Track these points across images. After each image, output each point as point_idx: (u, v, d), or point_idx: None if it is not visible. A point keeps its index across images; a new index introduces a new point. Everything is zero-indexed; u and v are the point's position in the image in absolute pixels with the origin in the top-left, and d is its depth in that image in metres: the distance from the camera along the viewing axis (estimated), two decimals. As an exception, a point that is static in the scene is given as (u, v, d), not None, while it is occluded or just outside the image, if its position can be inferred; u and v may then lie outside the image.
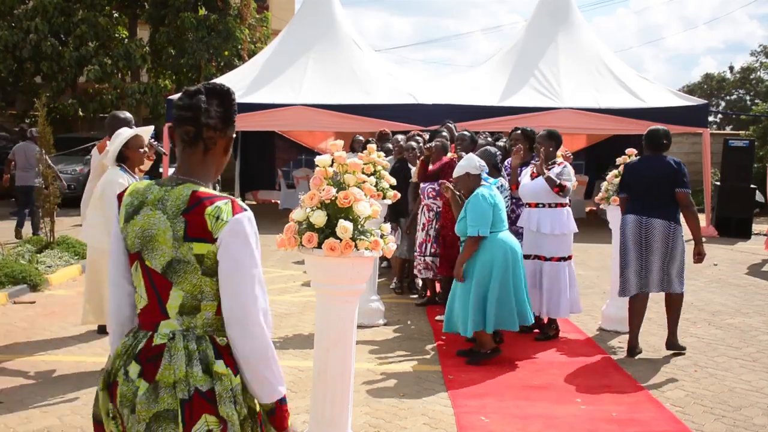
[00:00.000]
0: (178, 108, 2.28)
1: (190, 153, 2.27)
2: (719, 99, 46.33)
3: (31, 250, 9.47)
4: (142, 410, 2.12)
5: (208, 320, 2.21)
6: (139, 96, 20.02)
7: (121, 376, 2.18)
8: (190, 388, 2.12)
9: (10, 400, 5.05)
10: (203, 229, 2.16)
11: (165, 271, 2.19)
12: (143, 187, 2.29)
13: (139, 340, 2.20)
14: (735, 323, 7.78)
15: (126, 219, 2.27)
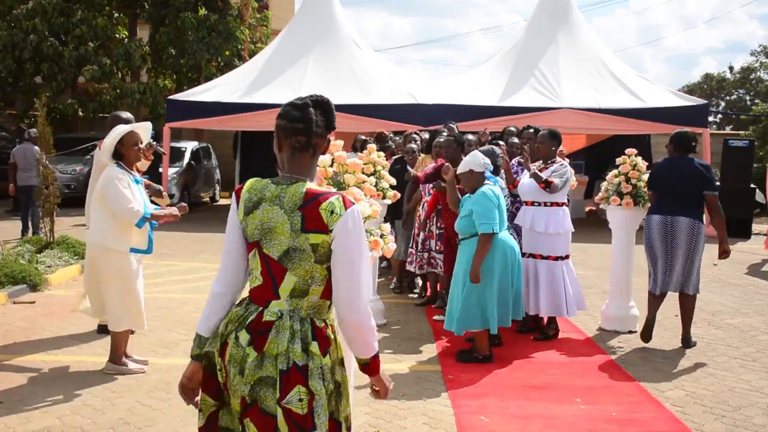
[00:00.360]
0: (289, 120, 2.60)
1: (300, 157, 2.62)
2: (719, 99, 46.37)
3: (31, 250, 9.47)
4: (249, 374, 2.47)
5: (312, 303, 2.54)
6: (138, 96, 20.02)
7: (232, 340, 2.52)
8: (289, 362, 2.45)
9: (9, 399, 5.04)
10: (319, 221, 2.48)
11: (281, 258, 2.52)
12: (260, 186, 2.62)
13: (250, 313, 2.54)
14: (735, 323, 7.78)
15: (245, 213, 2.61)
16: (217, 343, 2.59)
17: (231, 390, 2.53)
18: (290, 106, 2.63)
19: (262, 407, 2.46)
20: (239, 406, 2.51)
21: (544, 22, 17.12)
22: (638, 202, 7.05)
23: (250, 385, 2.47)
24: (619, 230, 7.30)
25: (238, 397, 2.50)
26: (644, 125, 15.66)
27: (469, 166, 6.02)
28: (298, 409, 2.44)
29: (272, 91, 15.81)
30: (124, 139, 5.54)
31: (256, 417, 2.47)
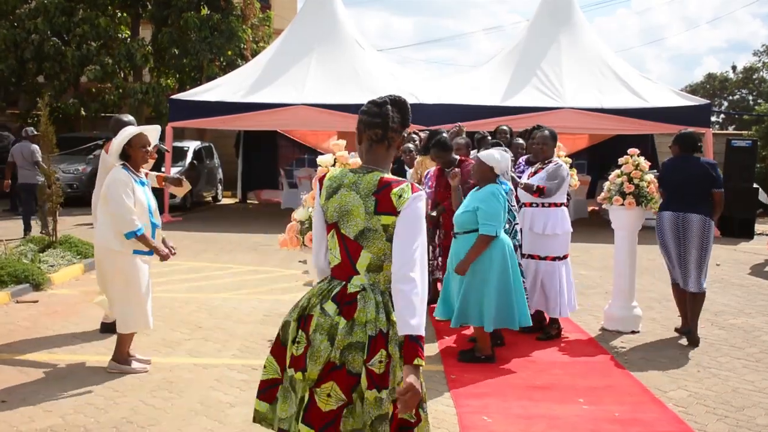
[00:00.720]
0: (368, 115, 2.90)
1: (376, 148, 2.92)
2: (722, 99, 46.31)
3: (34, 249, 9.48)
4: (340, 340, 2.77)
5: (388, 277, 2.85)
6: (141, 96, 20.03)
7: (318, 311, 2.84)
8: (375, 329, 2.80)
9: (13, 398, 5.05)
10: (390, 205, 2.79)
11: (357, 238, 2.83)
12: (340, 174, 2.94)
13: (334, 287, 2.87)
14: (738, 323, 7.77)
15: (326, 197, 2.92)
16: (295, 314, 2.92)
17: (313, 357, 2.79)
18: (371, 103, 2.94)
19: (349, 368, 2.78)
20: (318, 373, 2.78)
21: (545, 22, 17.11)
22: (641, 202, 7.04)
23: (340, 350, 2.77)
24: (621, 230, 7.29)
25: (321, 363, 2.78)
26: (647, 125, 15.65)
27: (492, 164, 5.94)
28: (377, 369, 2.78)
29: (275, 91, 15.83)
30: (132, 140, 5.55)
31: (340, 378, 2.77)
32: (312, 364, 2.79)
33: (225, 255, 11.39)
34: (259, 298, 8.36)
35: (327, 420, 2.78)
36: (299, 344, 2.85)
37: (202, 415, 4.85)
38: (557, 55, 16.44)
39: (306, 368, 2.81)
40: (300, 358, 2.83)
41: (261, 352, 6.26)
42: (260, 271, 10.11)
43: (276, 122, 16.36)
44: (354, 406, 2.80)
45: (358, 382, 2.78)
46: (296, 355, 2.85)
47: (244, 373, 5.69)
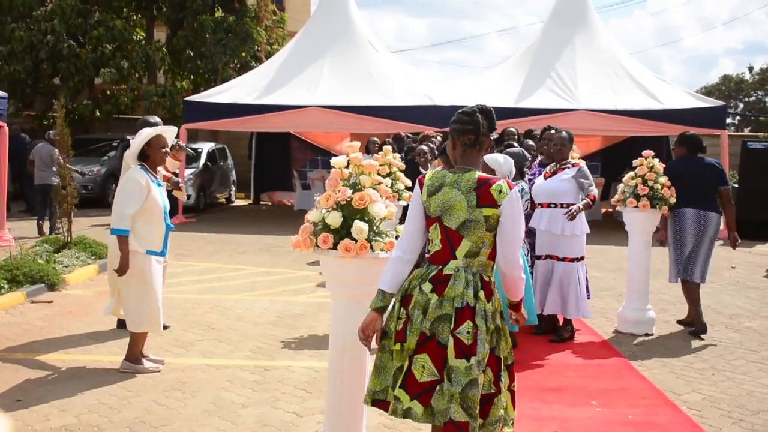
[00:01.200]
0: (461, 123, 3.37)
1: (470, 152, 3.39)
2: (737, 100, 45.99)
3: (49, 250, 9.55)
4: (430, 313, 3.21)
5: (481, 262, 3.30)
6: (156, 99, 20.13)
7: (416, 290, 3.29)
8: (462, 302, 3.20)
9: (28, 398, 5.09)
10: (490, 199, 3.25)
11: (459, 228, 3.28)
12: (440, 175, 3.39)
13: (431, 270, 3.31)
14: (753, 326, 7.71)
15: (428, 195, 3.36)
16: (399, 296, 3.35)
17: (411, 329, 3.24)
18: (462, 113, 3.40)
19: (438, 339, 3.19)
20: (415, 343, 3.22)
21: (560, 23, 17.05)
22: (655, 204, 7.01)
23: (431, 322, 3.20)
24: (635, 232, 7.26)
25: (417, 334, 3.22)
26: (661, 127, 15.55)
27: (495, 166, 5.96)
28: (465, 339, 3.16)
29: (288, 92, 15.87)
30: (151, 141, 5.63)
31: (431, 348, 3.19)
32: (410, 335, 3.24)
33: (238, 256, 11.42)
34: (272, 299, 8.38)
35: (420, 389, 3.18)
36: (400, 320, 3.30)
37: (215, 416, 4.87)
38: (571, 57, 16.38)
39: (405, 339, 3.26)
40: (401, 331, 3.29)
41: (273, 353, 6.28)
42: (273, 272, 10.14)
43: (289, 124, 16.39)
44: (443, 385, 3.15)
45: (446, 355, 3.15)
46: (398, 330, 3.30)
47: (256, 374, 5.71)
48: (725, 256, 12.75)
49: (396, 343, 3.28)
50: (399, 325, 3.28)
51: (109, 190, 17.66)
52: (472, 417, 3.11)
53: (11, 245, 10.32)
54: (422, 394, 3.17)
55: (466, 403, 3.11)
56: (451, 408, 3.10)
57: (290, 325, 7.21)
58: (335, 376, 3.95)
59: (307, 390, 5.39)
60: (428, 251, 3.42)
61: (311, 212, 3.91)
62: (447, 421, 3.11)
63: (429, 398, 3.16)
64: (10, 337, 6.59)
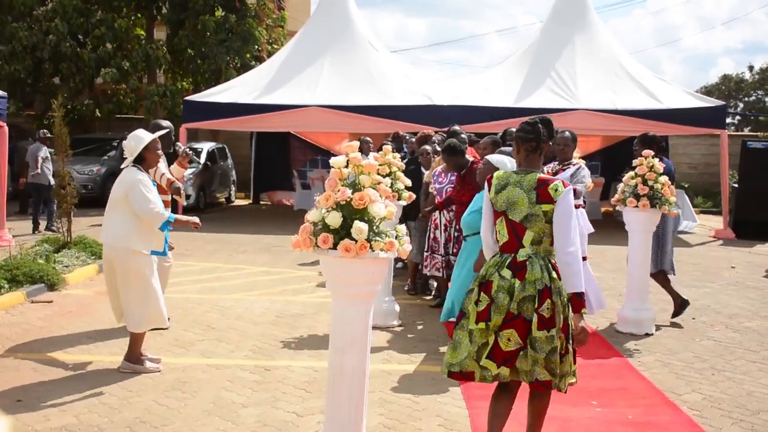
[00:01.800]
0: (524, 132, 4.02)
1: (532, 156, 4.01)
2: (737, 100, 45.96)
3: (49, 250, 9.55)
4: (517, 295, 3.79)
5: (546, 248, 3.90)
6: (157, 98, 20.12)
7: (496, 276, 3.86)
8: (542, 284, 3.80)
9: (28, 398, 5.09)
10: (548, 196, 3.83)
11: (522, 221, 3.88)
12: (505, 175, 4.02)
13: (505, 259, 3.90)
14: (753, 326, 7.71)
15: (495, 192, 3.98)
16: (476, 282, 3.95)
17: (497, 310, 3.80)
18: (525, 123, 4.07)
19: (524, 316, 3.78)
20: (501, 321, 3.80)
21: (560, 23, 17.04)
22: (655, 203, 7.01)
23: (517, 302, 3.78)
24: (635, 232, 7.26)
25: (504, 313, 3.80)
26: (661, 126, 15.53)
27: (500, 167, 6.00)
28: (546, 314, 3.77)
29: (288, 92, 15.86)
30: (149, 144, 5.70)
31: (517, 324, 3.78)
32: (496, 315, 3.80)
33: (238, 256, 11.42)
34: (272, 299, 8.39)
35: (506, 357, 3.81)
36: (481, 302, 3.86)
37: (215, 416, 4.87)
38: (571, 56, 16.37)
39: (490, 319, 3.81)
40: (484, 312, 3.83)
41: (273, 353, 6.28)
42: (272, 272, 10.14)
43: (289, 123, 16.39)
44: (527, 350, 3.78)
45: (531, 328, 3.76)
46: (480, 311, 3.85)
47: (256, 374, 5.71)
48: (725, 256, 12.76)
49: (479, 323, 3.83)
50: (482, 307, 3.84)
51: (109, 190, 17.61)
52: (554, 376, 3.81)
53: (11, 245, 10.32)
54: (508, 360, 3.81)
55: (549, 366, 3.78)
56: (536, 370, 3.78)
57: (290, 325, 7.21)
58: (335, 376, 3.95)
59: (307, 390, 5.40)
60: (497, 241, 4.01)
61: (311, 212, 3.91)
62: (533, 381, 3.82)
63: (514, 362, 3.82)
64: (10, 337, 6.59)
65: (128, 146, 5.71)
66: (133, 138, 5.72)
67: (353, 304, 3.92)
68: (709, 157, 22.11)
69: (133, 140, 5.70)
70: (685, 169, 22.08)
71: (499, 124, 14.03)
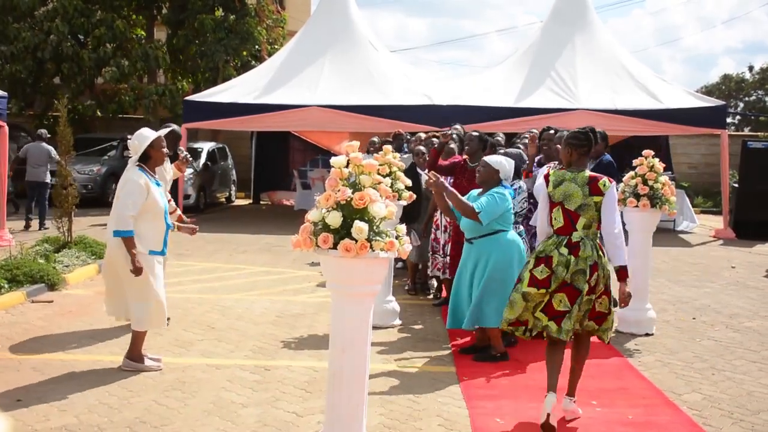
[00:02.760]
0: (577, 140, 4.89)
1: (582, 159, 4.92)
2: (738, 100, 45.94)
3: (49, 250, 9.55)
4: (571, 268, 4.71)
5: (594, 232, 4.84)
6: (156, 97, 20.10)
7: (556, 253, 4.77)
8: (592, 260, 4.73)
9: (28, 397, 5.09)
10: (598, 190, 4.77)
11: (576, 210, 4.80)
12: (560, 173, 4.91)
13: (561, 240, 4.81)
14: (753, 326, 7.71)
15: (553, 187, 4.87)
16: (533, 256, 4.91)
17: (555, 279, 4.73)
18: (578, 131, 4.96)
19: (575, 285, 4.71)
20: (556, 287, 4.74)
21: (560, 22, 17.03)
22: (655, 203, 7.01)
23: (571, 274, 4.71)
24: (635, 232, 7.26)
25: (560, 282, 4.73)
26: (662, 126, 15.56)
27: (498, 167, 6.05)
28: (593, 283, 4.73)
29: (288, 92, 15.86)
30: (154, 142, 5.68)
31: (569, 291, 4.73)
32: (555, 282, 4.73)
33: (238, 256, 11.42)
34: (272, 299, 8.39)
35: (555, 315, 4.74)
36: (542, 272, 4.76)
37: (215, 416, 4.87)
38: (571, 56, 16.36)
39: (550, 285, 4.74)
40: (544, 280, 4.76)
41: (273, 353, 6.28)
42: (273, 272, 10.14)
43: (289, 123, 16.39)
44: (571, 312, 4.70)
45: (579, 295, 4.69)
46: (540, 278, 4.77)
47: (256, 374, 5.71)
48: (725, 255, 12.76)
49: (540, 288, 4.76)
50: (543, 275, 4.76)
51: (109, 190, 17.64)
52: (592, 326, 4.88)
53: (11, 245, 10.33)
54: (557, 317, 4.74)
55: (591, 321, 4.84)
56: (583, 324, 4.83)
57: (290, 325, 7.21)
58: (335, 376, 3.95)
59: (307, 390, 5.40)
60: (552, 226, 4.87)
61: (311, 212, 3.92)
62: (581, 331, 4.88)
63: (560, 321, 4.72)
64: (11, 336, 6.59)
65: (133, 145, 5.71)
66: (138, 137, 5.72)
67: (353, 304, 3.92)
68: (710, 157, 22.09)
69: (137, 139, 5.71)
70: (685, 169, 22.08)
71: (500, 124, 14.07)
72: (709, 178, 22.04)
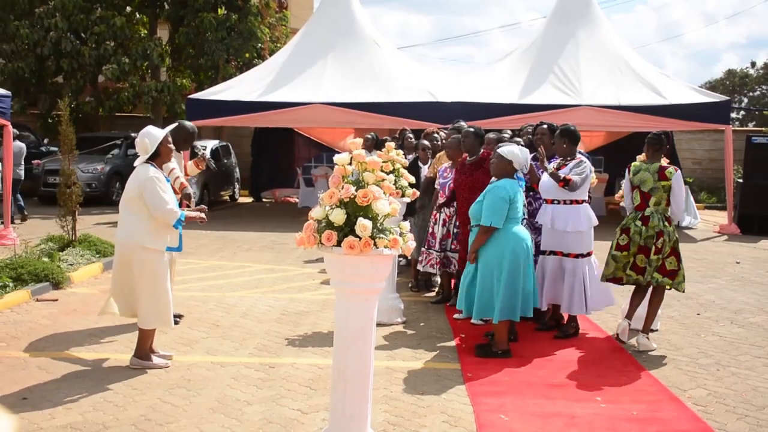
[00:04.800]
0: (654, 140, 6.54)
1: (656, 154, 6.54)
2: (742, 95, 45.84)
3: (54, 248, 9.57)
4: (643, 235, 6.33)
5: (663, 208, 6.37)
6: (156, 94, 20.10)
7: (632, 224, 6.41)
8: (658, 228, 6.31)
9: (33, 396, 5.11)
10: (666, 176, 6.34)
11: (649, 191, 6.37)
12: (638, 165, 6.54)
13: (637, 214, 6.43)
14: (758, 322, 7.70)
15: (633, 174, 6.50)
16: (619, 228, 6.51)
17: (633, 244, 6.38)
18: (654, 134, 6.58)
19: (648, 247, 6.30)
20: (636, 249, 6.37)
21: (563, 18, 17.00)
22: (659, 199, 6.99)
23: (644, 239, 6.31)
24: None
25: (637, 247, 6.36)
26: (665, 122, 15.49)
27: (511, 158, 6.06)
28: (659, 246, 6.29)
29: (291, 90, 15.86)
30: (164, 139, 5.75)
31: (645, 251, 6.34)
32: (633, 247, 6.37)
33: (242, 253, 11.43)
34: (276, 296, 8.39)
35: (639, 270, 6.39)
36: (623, 240, 6.44)
37: (220, 413, 4.88)
38: (575, 52, 16.33)
39: (629, 249, 6.39)
40: (625, 245, 6.43)
41: (278, 351, 6.29)
42: (277, 269, 10.15)
43: (293, 121, 16.39)
44: (649, 268, 6.34)
45: (649, 253, 6.30)
46: (622, 245, 6.45)
47: (261, 372, 5.72)
48: (730, 251, 12.73)
49: (623, 251, 6.43)
50: (624, 241, 6.43)
51: (113, 189, 17.69)
52: (667, 282, 6.40)
53: (16, 244, 10.35)
54: (641, 272, 6.39)
55: (661, 275, 6.38)
56: (657, 278, 6.38)
57: (295, 322, 7.22)
58: (340, 373, 3.96)
59: (311, 387, 5.40)
60: (632, 203, 6.50)
61: (315, 209, 3.92)
62: (657, 284, 6.42)
63: (643, 273, 6.38)
64: (16, 335, 6.61)
65: (141, 144, 5.69)
66: (147, 135, 5.70)
67: (357, 301, 3.92)
68: (714, 152, 22.05)
69: (146, 137, 5.69)
70: (689, 164, 22.03)
71: (503, 121, 14.06)
72: (713, 174, 22.00)
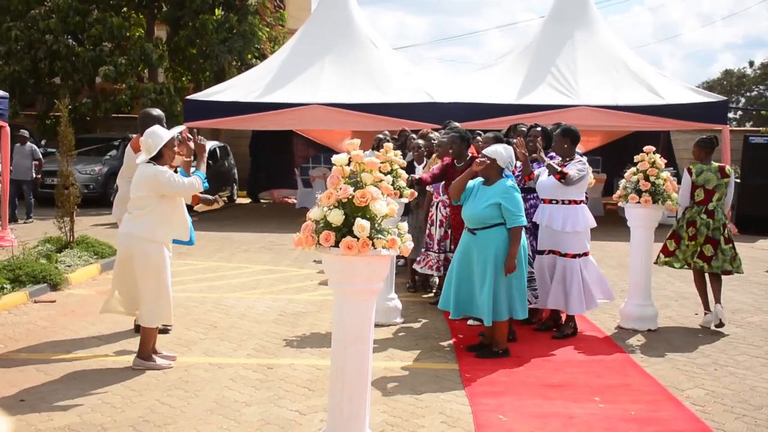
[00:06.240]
0: (706, 143, 7.38)
1: (710, 155, 7.41)
2: (739, 95, 45.91)
3: (51, 250, 9.56)
4: (711, 227, 7.17)
5: (723, 202, 7.29)
6: (154, 96, 20.09)
7: (698, 218, 7.18)
8: (723, 220, 7.24)
9: (31, 398, 5.10)
10: (726, 174, 7.27)
11: (713, 188, 7.19)
12: (700, 165, 7.35)
13: (701, 208, 7.23)
14: (756, 321, 7.71)
15: (696, 175, 7.26)
16: (685, 220, 7.25)
17: (700, 235, 7.13)
18: (705, 138, 7.33)
19: (716, 238, 7.13)
20: (704, 240, 7.12)
21: (560, 19, 17.02)
22: (657, 199, 7.01)
23: (711, 230, 7.10)
24: (637, 228, 7.25)
25: (704, 237, 7.12)
26: (663, 122, 15.55)
27: (496, 156, 6.06)
28: (726, 236, 7.15)
29: (289, 91, 15.86)
30: (169, 142, 5.72)
31: (712, 242, 7.09)
32: (700, 237, 7.09)
33: (240, 254, 11.43)
34: (274, 297, 8.39)
35: (706, 259, 7.10)
36: (690, 231, 7.14)
37: (218, 414, 4.88)
38: (572, 52, 16.35)
39: (696, 239, 7.08)
40: (693, 236, 7.13)
41: (276, 352, 6.28)
42: (275, 270, 10.14)
43: (291, 122, 16.39)
44: (718, 256, 7.07)
45: (719, 244, 7.05)
46: (690, 236, 7.13)
47: (259, 373, 5.71)
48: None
49: (691, 242, 7.14)
50: (691, 233, 7.14)
51: (110, 190, 17.65)
52: (731, 269, 7.16)
53: (13, 245, 10.34)
54: (707, 260, 7.08)
55: (730, 263, 7.11)
56: (724, 265, 7.09)
57: (293, 323, 7.22)
58: (338, 374, 3.95)
59: (310, 388, 5.40)
60: (695, 198, 7.13)
61: (313, 210, 3.92)
62: (722, 270, 7.12)
63: (710, 262, 7.08)
64: (13, 337, 6.60)
65: (146, 143, 5.65)
66: (152, 135, 5.65)
67: (355, 302, 3.92)
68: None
69: (151, 137, 5.64)
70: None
71: (501, 121, 14.02)
72: (710, 174, 21.96)
